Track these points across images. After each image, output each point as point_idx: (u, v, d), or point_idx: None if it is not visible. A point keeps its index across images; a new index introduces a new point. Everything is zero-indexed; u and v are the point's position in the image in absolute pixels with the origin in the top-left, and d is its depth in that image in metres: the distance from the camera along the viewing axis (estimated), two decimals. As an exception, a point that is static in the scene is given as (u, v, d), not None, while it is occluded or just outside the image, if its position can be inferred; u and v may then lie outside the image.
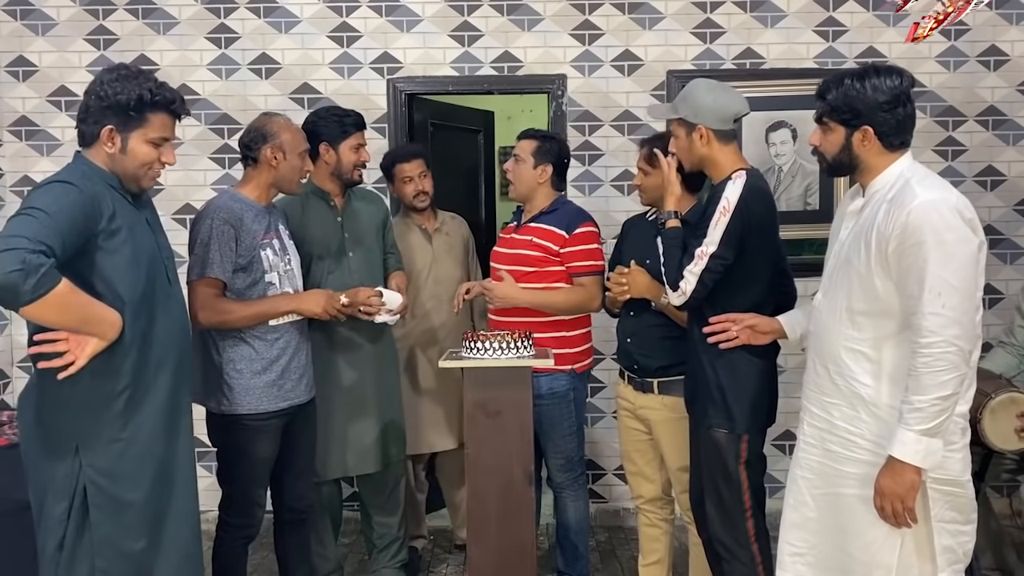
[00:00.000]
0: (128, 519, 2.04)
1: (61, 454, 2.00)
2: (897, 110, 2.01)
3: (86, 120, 2.07)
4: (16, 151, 3.99)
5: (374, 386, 3.06)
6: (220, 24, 3.96)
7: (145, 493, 2.06)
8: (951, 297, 1.86)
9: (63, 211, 1.88)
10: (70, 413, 2.00)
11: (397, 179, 3.45)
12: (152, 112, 2.07)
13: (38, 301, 1.79)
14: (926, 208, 1.90)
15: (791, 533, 2.21)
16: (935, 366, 1.86)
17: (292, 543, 2.91)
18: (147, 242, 2.11)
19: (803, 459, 2.20)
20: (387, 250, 3.21)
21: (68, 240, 1.87)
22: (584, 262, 2.96)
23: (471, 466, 2.66)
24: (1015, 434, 2.76)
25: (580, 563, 3.14)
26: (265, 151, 2.67)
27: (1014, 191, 4.00)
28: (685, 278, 2.39)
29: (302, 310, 2.69)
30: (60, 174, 2.02)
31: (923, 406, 1.87)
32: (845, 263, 2.07)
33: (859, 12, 3.96)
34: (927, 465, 1.91)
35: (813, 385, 2.18)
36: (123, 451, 2.03)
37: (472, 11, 3.97)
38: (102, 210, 1.97)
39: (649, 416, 2.84)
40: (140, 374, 2.05)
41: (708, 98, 2.45)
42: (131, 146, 2.07)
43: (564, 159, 3.08)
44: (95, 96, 2.04)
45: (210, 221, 2.58)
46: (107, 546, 2.02)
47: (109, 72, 2.08)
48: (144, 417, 2.06)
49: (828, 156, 2.12)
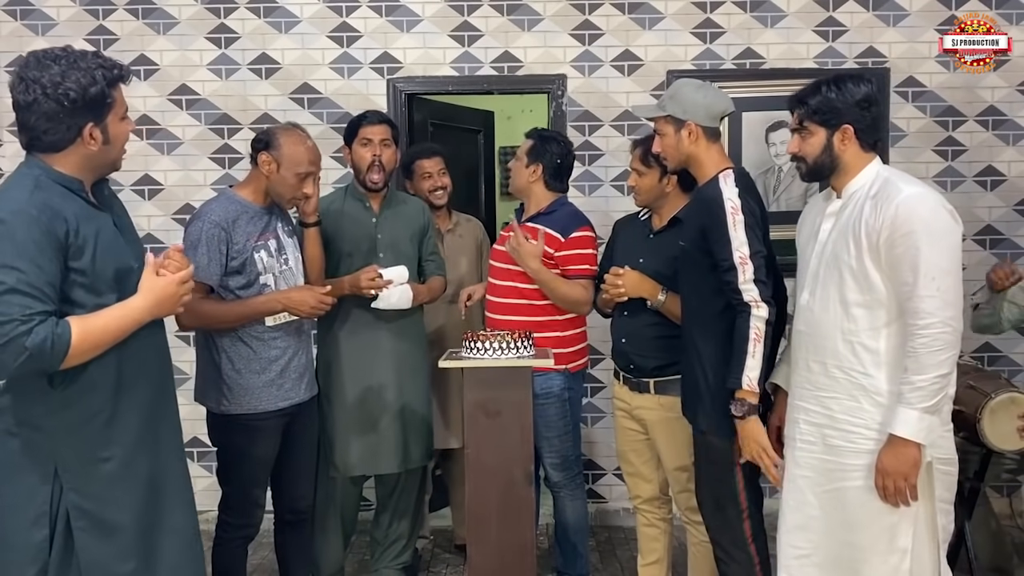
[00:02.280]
0: (117, 541, 1.90)
1: (38, 479, 1.84)
2: (871, 109, 2.18)
3: (54, 127, 1.83)
4: (16, 151, 3.98)
5: (396, 383, 3.05)
6: (220, 24, 3.96)
7: (134, 513, 1.93)
8: (944, 280, 1.98)
9: (31, 252, 1.74)
10: (45, 434, 1.85)
11: (416, 175, 3.51)
12: (113, 89, 1.90)
13: (64, 361, 1.76)
14: (913, 200, 2.03)
15: (794, 535, 2.22)
16: (933, 346, 1.97)
17: (292, 543, 2.91)
18: (115, 248, 1.92)
19: (801, 458, 2.21)
20: (426, 257, 3.21)
21: (51, 274, 1.76)
22: (578, 265, 2.96)
23: (471, 466, 2.66)
24: (1015, 434, 2.77)
25: (580, 563, 3.14)
26: (261, 156, 2.66)
27: (1014, 191, 4.00)
28: (744, 292, 2.31)
29: (288, 308, 2.65)
30: (6, 204, 1.79)
31: (924, 384, 1.97)
32: (832, 260, 2.16)
33: (859, 12, 3.96)
34: (928, 441, 2.00)
35: (807, 383, 2.22)
36: (108, 472, 1.88)
37: (472, 11, 3.97)
38: (64, 229, 1.80)
39: (645, 416, 2.83)
40: (119, 386, 1.90)
41: (697, 95, 2.46)
42: (112, 132, 1.91)
43: (558, 159, 3.06)
44: (53, 99, 1.80)
45: (201, 223, 2.58)
46: (96, 570, 1.88)
47: (43, 67, 1.81)
48: (126, 433, 1.91)
49: (809, 159, 2.22)
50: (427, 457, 3.22)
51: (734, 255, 2.32)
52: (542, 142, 3.06)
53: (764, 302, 2.30)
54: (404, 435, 3.07)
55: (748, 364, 2.29)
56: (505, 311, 3.01)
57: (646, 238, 2.85)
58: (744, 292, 2.31)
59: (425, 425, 3.16)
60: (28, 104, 1.82)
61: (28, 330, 1.70)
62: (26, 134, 1.87)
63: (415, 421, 3.11)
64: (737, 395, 2.31)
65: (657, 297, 2.70)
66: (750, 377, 2.29)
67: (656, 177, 2.76)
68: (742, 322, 2.31)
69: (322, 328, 3.08)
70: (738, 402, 2.30)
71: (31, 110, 1.82)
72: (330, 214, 3.01)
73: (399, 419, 3.06)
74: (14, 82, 1.84)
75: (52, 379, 1.83)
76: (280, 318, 2.67)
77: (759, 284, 2.31)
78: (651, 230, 2.85)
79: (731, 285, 2.33)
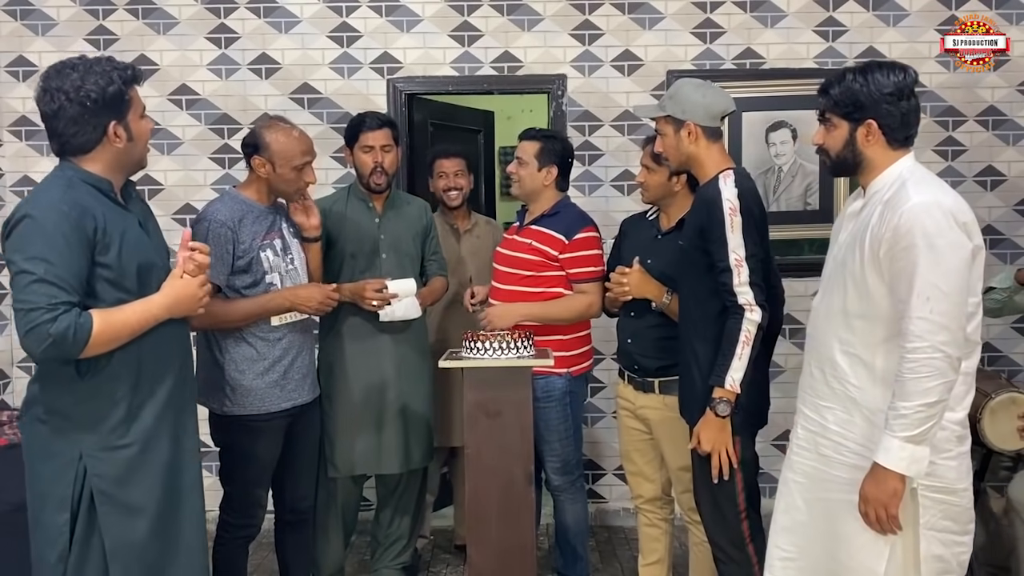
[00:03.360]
0: (140, 524, 2.02)
1: (64, 464, 1.97)
2: (901, 103, 1.99)
3: (81, 129, 1.97)
4: (16, 151, 3.99)
5: (398, 384, 3.06)
6: (220, 24, 3.96)
7: (156, 497, 2.04)
8: (940, 303, 1.83)
9: (59, 246, 1.86)
10: (72, 422, 1.97)
11: (435, 174, 3.58)
12: (129, 89, 2.03)
13: (85, 350, 1.87)
14: (917, 211, 1.87)
15: (781, 537, 2.19)
16: (920, 372, 1.83)
17: (293, 543, 2.91)
18: (140, 246, 2.05)
19: (795, 462, 2.17)
20: (428, 257, 3.22)
21: (77, 269, 1.88)
22: (584, 268, 2.94)
23: (471, 466, 2.66)
24: (1015, 434, 2.77)
25: (580, 564, 3.14)
26: (255, 160, 2.67)
27: (1014, 191, 4.00)
28: (739, 294, 2.32)
29: (296, 306, 2.66)
30: (39, 200, 1.93)
31: (907, 413, 1.84)
32: (841, 266, 2.05)
33: (859, 12, 3.96)
34: (911, 473, 1.87)
35: (808, 388, 2.16)
36: (129, 457, 2.00)
37: (472, 11, 3.97)
38: (93, 226, 1.92)
39: (649, 416, 2.83)
40: (140, 379, 2.02)
41: (696, 95, 2.45)
42: (135, 130, 2.04)
43: (568, 159, 3.07)
44: (77, 103, 1.94)
45: (207, 224, 2.59)
46: (121, 551, 1.99)
47: (63, 76, 1.96)
48: (147, 421, 2.03)
49: (832, 154, 2.09)
50: (428, 457, 3.22)
51: (730, 257, 2.33)
52: (550, 143, 3.02)
53: (758, 306, 2.32)
54: (406, 435, 3.07)
55: (733, 365, 2.30)
56: None
57: (654, 239, 2.84)
58: (739, 295, 2.32)
59: (426, 425, 3.16)
60: (55, 112, 1.96)
61: (53, 318, 1.82)
62: (56, 141, 2.00)
63: (416, 421, 3.10)
64: (717, 393, 2.33)
65: (661, 299, 2.70)
66: (733, 378, 2.31)
67: (665, 175, 2.75)
68: (733, 323, 2.32)
69: (324, 329, 3.08)
70: (722, 401, 2.33)
71: (58, 117, 1.96)
72: (332, 215, 3.02)
73: (401, 419, 3.06)
74: (39, 95, 1.98)
75: (79, 369, 1.95)
76: (286, 318, 2.67)
77: (754, 287, 2.32)
78: (659, 231, 2.84)
79: (726, 287, 2.34)
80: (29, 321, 1.82)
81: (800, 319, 3.90)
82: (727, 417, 2.34)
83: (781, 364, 3.90)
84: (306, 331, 2.77)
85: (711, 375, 2.36)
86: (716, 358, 2.36)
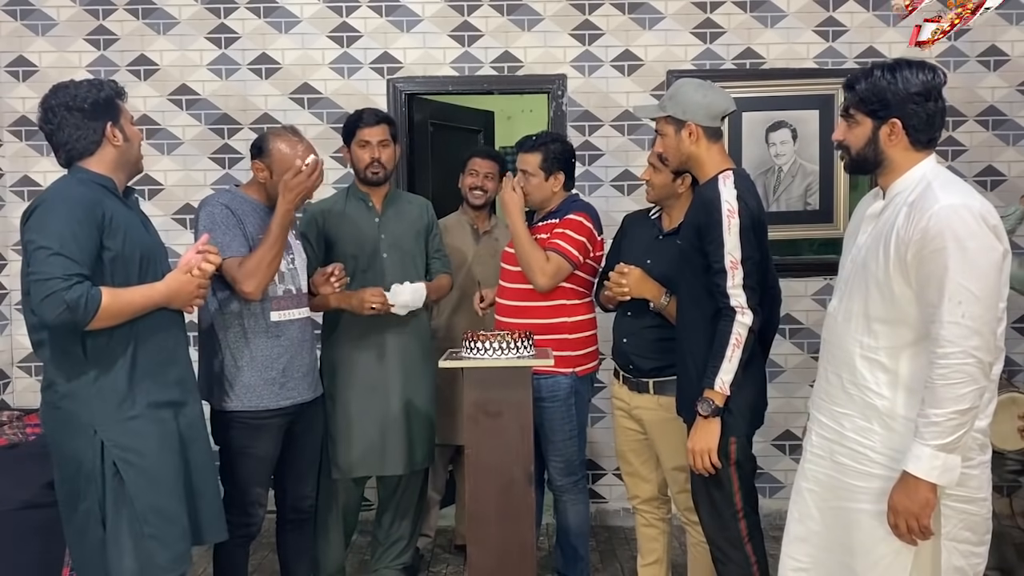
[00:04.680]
0: (164, 485, 2.21)
1: (83, 442, 2.15)
2: (928, 104, 1.95)
3: (82, 133, 2.20)
4: (16, 151, 3.99)
5: (401, 385, 3.06)
6: (220, 24, 3.96)
7: (173, 458, 2.24)
8: (972, 307, 1.77)
9: (73, 227, 2.07)
10: (81, 402, 2.16)
11: (467, 170, 3.61)
12: (120, 100, 2.28)
13: (93, 320, 2.06)
14: (947, 213, 1.82)
15: (795, 547, 2.14)
16: (953, 378, 1.78)
17: (294, 543, 2.91)
18: (142, 238, 2.26)
19: (810, 471, 2.10)
20: (432, 255, 3.22)
21: (89, 248, 2.09)
22: (559, 241, 2.90)
23: (471, 466, 2.66)
24: (1015, 434, 2.77)
25: (580, 565, 3.13)
26: (255, 164, 2.71)
27: (1014, 191, 4.00)
28: (732, 296, 2.31)
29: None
30: (55, 191, 2.17)
31: (940, 420, 1.79)
32: (862, 268, 1.98)
33: (859, 12, 3.96)
34: (944, 482, 1.82)
35: (824, 394, 2.09)
36: (140, 427, 2.19)
37: (472, 11, 3.97)
38: (102, 212, 2.14)
39: (644, 416, 2.83)
40: (137, 355, 2.20)
41: (697, 95, 2.45)
42: (128, 132, 2.28)
43: (571, 159, 3.07)
44: (76, 110, 2.18)
45: (210, 208, 2.64)
46: (152, 513, 2.18)
47: (58, 94, 2.21)
48: (150, 393, 2.21)
49: (852, 150, 2.03)
50: (430, 458, 3.22)
51: (725, 259, 2.32)
52: (550, 149, 3.00)
53: (750, 309, 2.32)
54: (409, 437, 3.07)
55: (723, 367, 2.31)
56: (514, 313, 3.00)
57: (655, 239, 2.83)
58: (732, 297, 2.32)
59: (429, 427, 3.16)
60: (58, 125, 2.20)
61: (68, 287, 2.02)
62: (63, 151, 2.23)
63: (419, 423, 3.10)
64: (706, 394, 2.34)
65: (660, 300, 2.70)
66: (723, 380, 2.31)
67: (670, 175, 2.74)
68: (725, 325, 2.32)
69: (327, 328, 3.08)
70: (705, 401, 2.34)
71: (61, 128, 2.20)
72: (332, 216, 3.02)
73: (403, 421, 3.06)
74: (41, 118, 2.22)
75: (85, 349, 2.14)
76: (285, 315, 2.68)
77: (747, 290, 2.32)
78: (660, 231, 2.84)
79: (720, 288, 2.34)
80: (46, 289, 2.01)
81: (800, 319, 3.90)
82: (708, 417, 2.35)
83: (781, 364, 3.89)
84: (306, 328, 2.77)
85: (703, 376, 2.36)
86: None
